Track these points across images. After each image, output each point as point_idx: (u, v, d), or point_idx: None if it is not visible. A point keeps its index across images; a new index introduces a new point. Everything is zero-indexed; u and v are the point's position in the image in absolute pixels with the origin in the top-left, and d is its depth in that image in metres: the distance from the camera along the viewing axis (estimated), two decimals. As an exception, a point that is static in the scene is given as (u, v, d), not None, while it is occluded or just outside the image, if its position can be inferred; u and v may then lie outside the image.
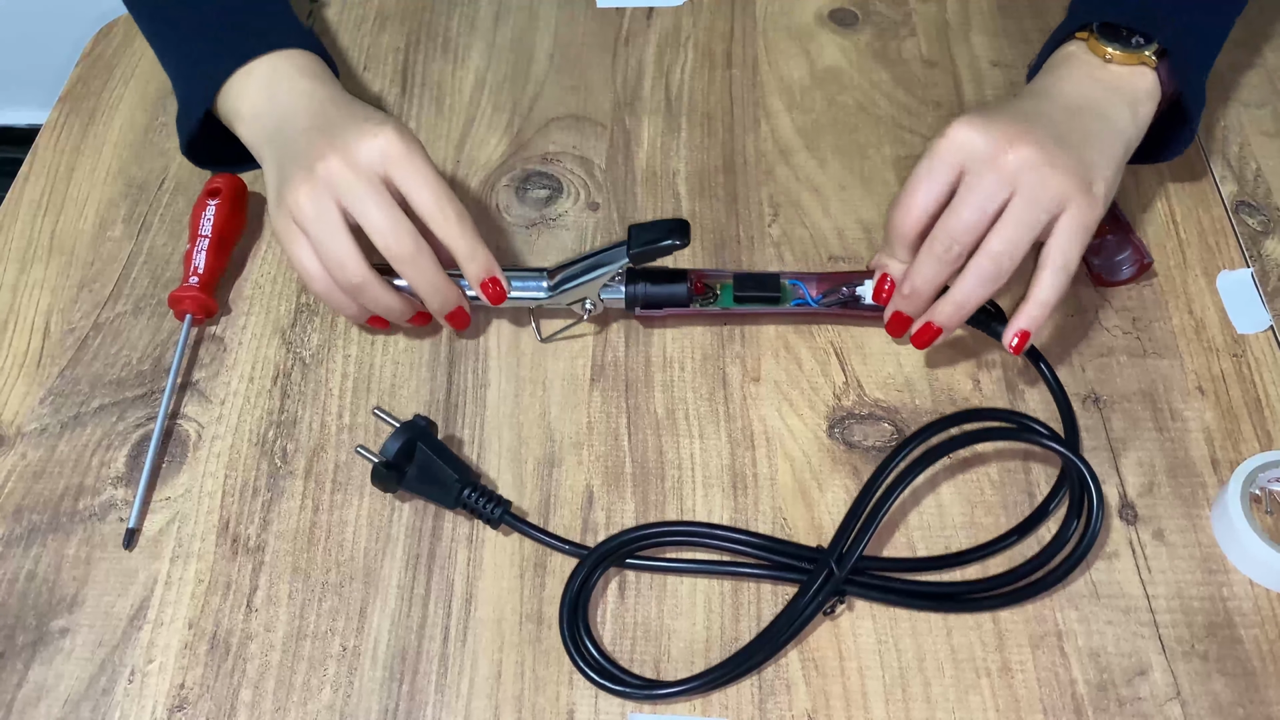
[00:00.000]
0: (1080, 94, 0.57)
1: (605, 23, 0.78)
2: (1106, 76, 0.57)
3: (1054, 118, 0.55)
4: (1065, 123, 0.55)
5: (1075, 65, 0.58)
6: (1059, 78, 0.58)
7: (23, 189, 0.70)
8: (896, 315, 0.57)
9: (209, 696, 0.50)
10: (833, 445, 0.57)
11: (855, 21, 0.78)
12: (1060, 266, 0.53)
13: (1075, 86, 0.57)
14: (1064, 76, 0.58)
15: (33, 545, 0.55)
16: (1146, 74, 0.57)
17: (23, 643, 0.52)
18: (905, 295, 0.55)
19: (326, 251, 0.54)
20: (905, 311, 0.56)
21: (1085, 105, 0.56)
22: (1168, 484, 0.55)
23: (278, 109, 0.58)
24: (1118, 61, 0.57)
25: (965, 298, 0.53)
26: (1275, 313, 0.61)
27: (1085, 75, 0.57)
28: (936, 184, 0.54)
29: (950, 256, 0.53)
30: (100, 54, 0.78)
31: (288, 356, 0.61)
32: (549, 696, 0.50)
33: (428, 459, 0.54)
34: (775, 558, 0.53)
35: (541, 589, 0.53)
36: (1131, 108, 0.57)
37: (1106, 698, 0.49)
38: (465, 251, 0.56)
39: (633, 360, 0.61)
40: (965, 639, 0.51)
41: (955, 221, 0.53)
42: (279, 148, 0.57)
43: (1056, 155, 0.52)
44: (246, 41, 0.60)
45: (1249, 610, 0.51)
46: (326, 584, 0.53)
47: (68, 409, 0.60)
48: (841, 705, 0.49)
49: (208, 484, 0.57)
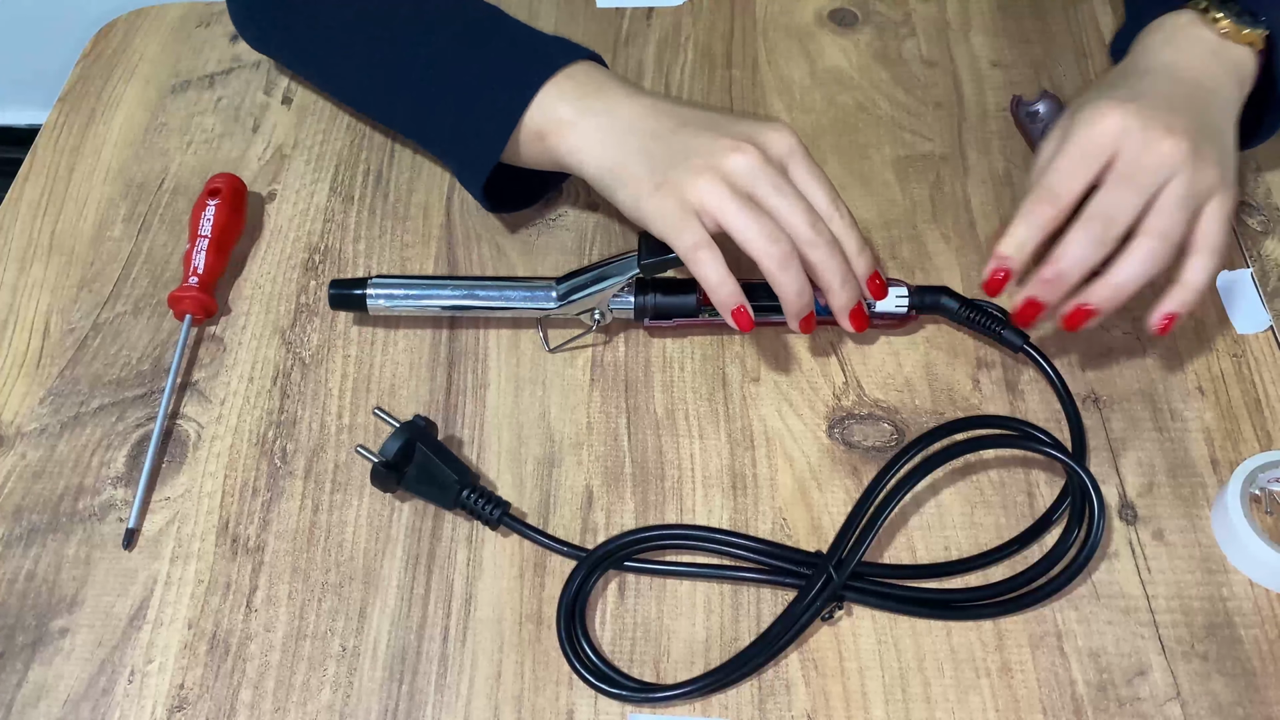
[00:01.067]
0: (1204, 73, 0.56)
1: (605, 23, 0.78)
2: (1224, 54, 0.57)
3: (1191, 103, 0.55)
4: (1201, 109, 0.55)
5: (1193, 39, 0.57)
6: (1181, 51, 0.57)
7: (22, 189, 0.70)
8: (1030, 303, 0.55)
9: (209, 697, 0.50)
10: (832, 445, 0.57)
11: (855, 22, 0.78)
12: (1214, 249, 0.53)
13: (1198, 64, 0.57)
14: (1184, 50, 0.57)
15: (32, 545, 0.55)
16: (1252, 57, 0.57)
17: (22, 643, 0.52)
18: (1049, 280, 0.53)
19: (753, 229, 0.53)
20: (1044, 298, 0.54)
21: (1211, 87, 0.56)
22: (1168, 484, 0.55)
23: (611, 107, 0.57)
24: (1231, 37, 0.57)
25: (1128, 278, 0.52)
26: (1275, 313, 0.61)
27: (1205, 51, 0.57)
28: (1088, 170, 0.53)
29: (1109, 236, 0.52)
30: (100, 54, 0.78)
31: (287, 356, 0.61)
32: (548, 697, 0.50)
33: (427, 459, 0.54)
34: (774, 562, 0.53)
35: (541, 589, 0.53)
36: (1240, 90, 0.57)
37: (1106, 698, 0.49)
38: (855, 247, 0.56)
39: (632, 360, 0.61)
40: (965, 639, 0.51)
41: (1116, 201, 0.52)
42: (640, 143, 0.56)
43: (1204, 147, 0.53)
44: (550, 56, 0.59)
45: (1249, 610, 0.51)
46: (326, 584, 0.53)
47: (67, 409, 0.60)
48: (841, 705, 0.49)
49: (207, 484, 0.57)
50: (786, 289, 0.54)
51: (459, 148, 0.61)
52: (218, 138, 0.72)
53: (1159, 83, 0.56)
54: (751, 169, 0.53)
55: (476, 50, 0.60)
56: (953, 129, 0.71)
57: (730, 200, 0.53)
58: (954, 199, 0.67)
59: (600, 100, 0.57)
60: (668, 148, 0.55)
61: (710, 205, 0.53)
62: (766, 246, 0.53)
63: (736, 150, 0.54)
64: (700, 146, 0.54)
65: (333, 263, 0.65)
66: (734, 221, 0.53)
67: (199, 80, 0.76)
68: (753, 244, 0.53)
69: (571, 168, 0.58)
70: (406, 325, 0.62)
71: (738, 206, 0.53)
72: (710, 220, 0.53)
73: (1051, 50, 0.75)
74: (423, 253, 0.66)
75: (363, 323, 0.63)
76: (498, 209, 0.65)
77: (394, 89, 0.63)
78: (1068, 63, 0.74)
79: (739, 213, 0.53)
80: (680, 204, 0.53)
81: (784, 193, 0.54)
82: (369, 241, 0.66)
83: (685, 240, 0.53)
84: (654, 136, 0.56)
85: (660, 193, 0.54)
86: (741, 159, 0.53)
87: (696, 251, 0.53)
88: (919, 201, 0.67)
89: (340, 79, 0.68)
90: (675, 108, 0.57)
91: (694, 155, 0.54)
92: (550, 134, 0.57)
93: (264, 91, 0.75)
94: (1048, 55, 0.75)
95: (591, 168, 0.57)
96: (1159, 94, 0.55)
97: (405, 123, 0.66)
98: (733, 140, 0.54)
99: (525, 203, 0.67)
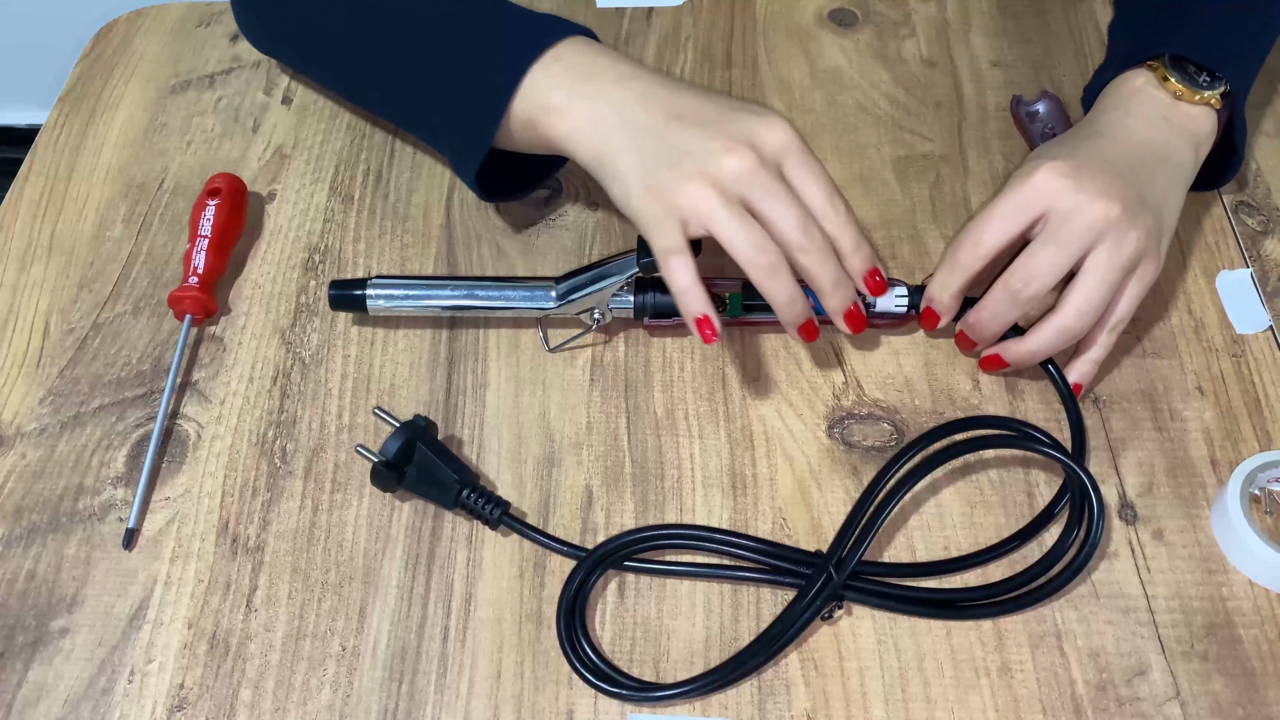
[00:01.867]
0: (1153, 138, 0.57)
1: (605, 23, 0.78)
2: (1175, 117, 0.58)
3: (1133, 167, 0.55)
4: (1143, 174, 0.56)
5: (1145, 102, 0.58)
6: (1130, 115, 0.58)
7: (22, 189, 0.70)
8: (961, 335, 0.58)
9: (209, 696, 0.50)
10: (832, 445, 0.57)
11: (855, 21, 0.78)
12: (1117, 325, 0.55)
13: (1148, 128, 0.58)
14: (1135, 114, 0.58)
15: (32, 545, 0.55)
16: (1210, 115, 0.58)
17: (22, 643, 0.52)
18: (970, 325, 0.57)
19: (742, 239, 0.52)
20: (971, 337, 0.58)
21: (1159, 152, 0.57)
22: (1167, 484, 0.55)
23: (601, 92, 0.55)
24: (1185, 100, 0.58)
25: (1040, 348, 0.55)
26: (1275, 313, 0.61)
27: (1156, 115, 0.58)
28: (1015, 224, 0.54)
29: (1025, 295, 0.54)
30: (100, 54, 0.78)
31: (287, 356, 0.61)
32: (548, 696, 0.50)
33: (427, 459, 0.54)
34: (774, 562, 0.53)
35: (541, 589, 0.53)
36: (1195, 151, 0.58)
37: (1106, 698, 0.49)
38: (851, 244, 0.55)
39: (632, 360, 0.61)
40: (965, 639, 0.51)
41: (1038, 263, 0.53)
42: (630, 135, 0.54)
43: (1138, 215, 0.53)
44: (537, 36, 0.57)
45: (1248, 610, 0.51)
46: (326, 584, 0.53)
47: (67, 409, 0.60)
48: (841, 705, 0.49)
49: (207, 484, 0.57)
50: (776, 297, 0.54)
51: (450, 137, 0.61)
52: (218, 138, 0.72)
53: (1105, 146, 0.57)
54: (744, 173, 0.52)
55: (462, 35, 0.59)
56: (952, 129, 0.71)
57: (720, 208, 0.52)
58: (954, 199, 0.67)
59: (590, 85, 0.56)
60: (659, 145, 0.54)
61: (700, 212, 0.52)
62: (754, 257, 0.52)
63: (730, 153, 0.52)
64: (693, 147, 0.53)
65: (332, 263, 0.65)
66: (722, 231, 0.52)
67: (199, 80, 0.76)
68: (740, 254, 0.52)
69: (565, 154, 0.57)
70: (406, 325, 0.62)
71: (727, 215, 0.52)
72: (698, 226, 0.53)
73: (1051, 50, 0.75)
74: (423, 253, 0.66)
75: (362, 323, 0.63)
76: (494, 197, 0.64)
77: (386, 79, 0.63)
78: (1068, 62, 0.74)
79: (728, 222, 0.52)
80: (668, 208, 0.53)
81: (777, 197, 0.53)
82: (369, 241, 0.66)
83: (661, 243, 0.53)
84: (645, 132, 0.54)
85: (649, 195, 0.53)
86: (734, 162, 0.52)
87: (669, 257, 0.53)
88: (919, 201, 0.67)
89: (338, 73, 0.67)
90: (669, 94, 0.55)
91: (686, 157, 0.53)
92: (540, 121, 0.56)
93: (264, 91, 0.75)
94: (1048, 55, 0.75)
95: (583, 157, 0.56)
96: (1103, 158, 0.55)
97: (399, 113, 0.65)
98: (726, 141, 0.53)
99: (523, 190, 0.66)
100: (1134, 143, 0.57)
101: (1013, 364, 0.57)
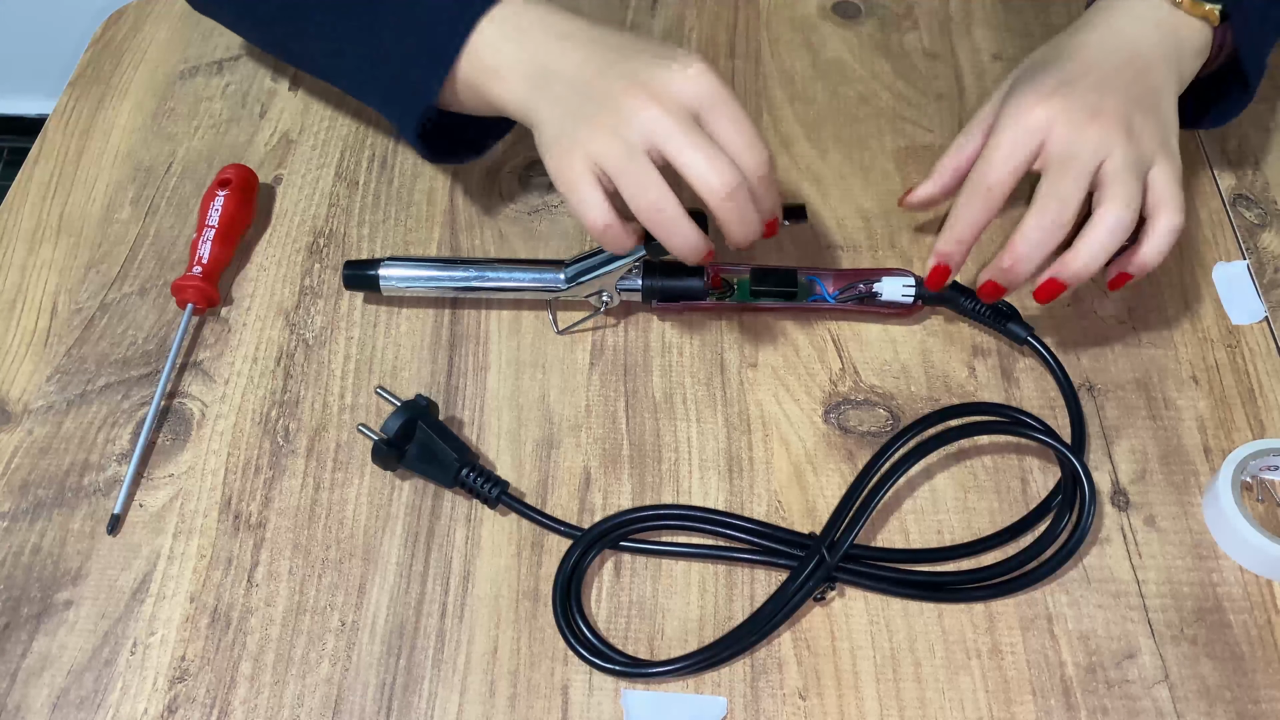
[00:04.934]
0: (1143, 43, 0.57)
1: (609, 12, 0.79)
2: (1171, 22, 0.58)
3: (1122, 76, 0.56)
4: (1132, 80, 0.56)
5: (1145, 5, 0.58)
6: (1123, 15, 0.58)
7: (32, 171, 0.71)
8: (991, 285, 0.56)
9: (209, 669, 0.51)
10: (828, 430, 0.58)
11: (858, 14, 0.78)
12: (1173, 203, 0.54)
13: (1139, 33, 0.58)
14: (1128, 14, 0.58)
15: (38, 520, 0.56)
16: (1205, 31, 0.58)
17: (27, 614, 0.53)
18: (1007, 268, 0.55)
19: (641, 195, 0.52)
20: (1003, 282, 0.56)
21: (1148, 57, 0.57)
22: (1160, 471, 0.56)
23: (539, 53, 0.55)
24: (1184, 9, 0.58)
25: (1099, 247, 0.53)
26: (1271, 304, 0.62)
27: (1150, 17, 0.58)
28: (1019, 164, 0.55)
29: (1062, 220, 0.53)
30: (110, 39, 0.79)
31: (291, 338, 0.62)
32: (544, 672, 0.51)
33: (428, 438, 0.55)
34: (768, 543, 0.53)
35: (538, 567, 0.54)
36: (1180, 60, 0.58)
37: (1095, 680, 0.50)
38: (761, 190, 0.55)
39: (632, 344, 0.61)
40: (956, 621, 0.51)
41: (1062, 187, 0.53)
42: (557, 92, 0.55)
43: (1135, 120, 0.54)
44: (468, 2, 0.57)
45: (1238, 596, 0.52)
46: (326, 560, 0.54)
47: (74, 387, 0.60)
48: (833, 684, 0.50)
49: (210, 462, 0.58)
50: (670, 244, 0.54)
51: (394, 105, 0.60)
52: (225, 123, 0.73)
53: (1089, 58, 0.57)
54: (651, 122, 0.52)
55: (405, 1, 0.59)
56: (954, 121, 0.71)
57: (621, 157, 0.52)
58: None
59: (523, 46, 0.56)
60: (578, 99, 0.54)
61: (603, 163, 0.52)
62: (650, 214, 0.53)
63: (632, 98, 0.52)
64: (605, 98, 0.53)
65: (337, 246, 0.66)
66: (621, 181, 0.52)
67: (207, 66, 0.77)
68: (637, 206, 0.53)
69: (504, 114, 0.58)
70: (409, 308, 0.63)
71: (625, 164, 0.52)
72: (605, 179, 0.53)
73: (1053, 44, 0.75)
74: (426, 237, 0.66)
75: (371, 302, 0.63)
76: (440, 159, 0.63)
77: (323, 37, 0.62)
78: (1069, 56, 0.75)
79: (624, 171, 0.52)
80: (577, 162, 0.53)
81: (685, 146, 0.52)
82: (373, 226, 0.67)
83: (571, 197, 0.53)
84: (569, 87, 0.54)
85: (558, 150, 0.53)
86: (638, 109, 0.52)
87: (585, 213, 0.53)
88: (918, 191, 0.68)
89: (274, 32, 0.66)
90: (597, 51, 0.55)
91: (597, 109, 0.53)
92: (480, 85, 0.56)
93: (271, 78, 0.76)
94: (1049, 48, 0.75)
95: (519, 118, 0.56)
96: (1087, 73, 0.56)
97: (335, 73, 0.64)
98: (629, 86, 0.52)
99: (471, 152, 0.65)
100: (1120, 50, 0.57)
101: (1072, 280, 0.55)
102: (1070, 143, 0.53)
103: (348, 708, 0.50)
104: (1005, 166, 0.55)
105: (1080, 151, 0.53)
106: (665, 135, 0.52)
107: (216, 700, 0.50)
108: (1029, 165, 0.55)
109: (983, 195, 0.55)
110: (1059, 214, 0.53)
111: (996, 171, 0.55)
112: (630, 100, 0.52)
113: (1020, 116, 0.55)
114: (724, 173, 0.52)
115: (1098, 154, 0.53)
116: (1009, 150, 0.55)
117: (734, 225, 0.54)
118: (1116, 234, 0.53)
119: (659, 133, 0.52)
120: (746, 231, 0.54)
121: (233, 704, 0.50)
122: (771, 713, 0.49)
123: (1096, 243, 0.53)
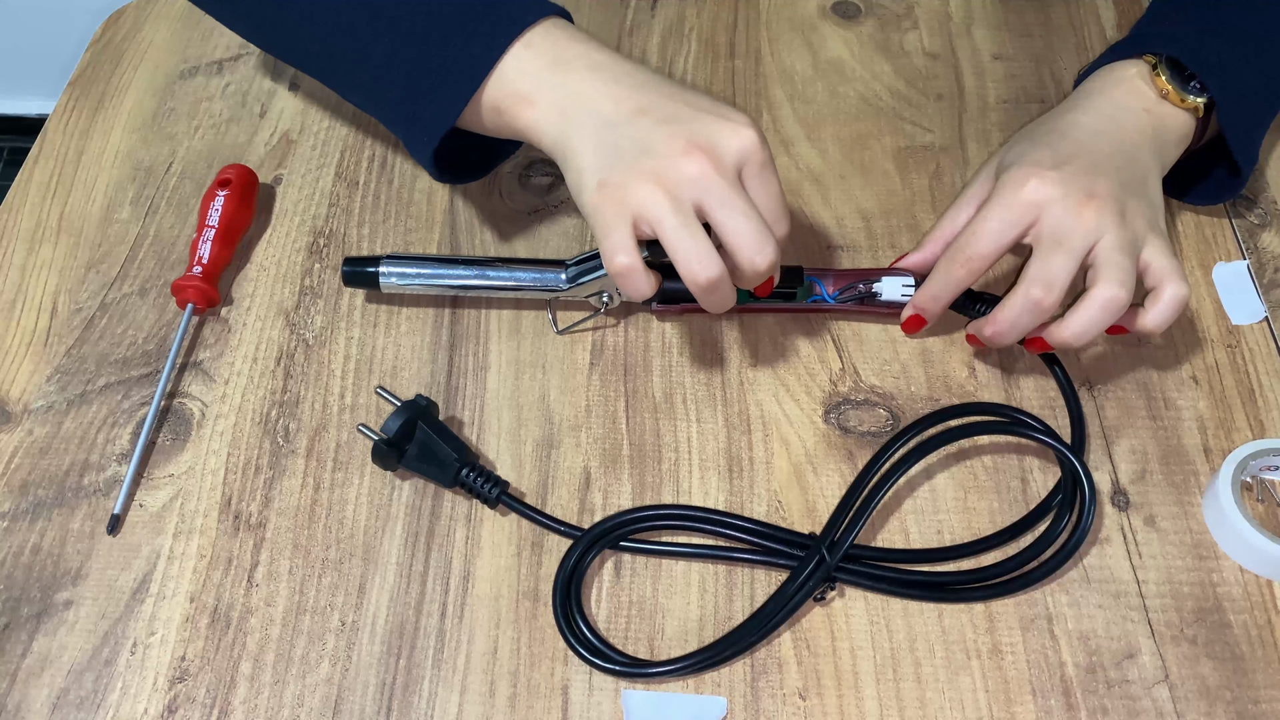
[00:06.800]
0: (1134, 128, 0.59)
1: (609, 13, 0.79)
2: (1158, 111, 0.59)
3: (1114, 159, 0.57)
4: (1123, 164, 0.57)
5: (1131, 91, 0.60)
6: (1112, 100, 0.60)
7: (32, 171, 0.71)
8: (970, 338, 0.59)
9: (209, 668, 0.51)
10: (828, 430, 0.58)
11: (858, 14, 0.78)
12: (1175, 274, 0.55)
13: (1130, 119, 0.59)
14: (1117, 100, 0.60)
15: (38, 519, 0.56)
16: (1189, 121, 0.59)
17: (27, 614, 0.53)
18: (989, 336, 0.56)
19: (695, 259, 0.51)
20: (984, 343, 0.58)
21: (1136, 141, 0.58)
22: (1160, 471, 0.56)
23: (573, 84, 0.54)
24: (1170, 100, 0.59)
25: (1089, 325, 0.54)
26: (1271, 304, 0.62)
27: (1137, 105, 0.59)
28: (1008, 236, 0.55)
29: (1049, 301, 0.54)
30: (110, 40, 0.79)
31: (291, 338, 0.62)
32: (544, 672, 0.51)
33: (428, 438, 0.55)
34: (768, 543, 0.53)
35: (538, 567, 0.54)
36: (1173, 147, 0.60)
37: (1095, 680, 0.50)
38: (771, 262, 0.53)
39: (632, 344, 0.61)
40: (956, 621, 0.51)
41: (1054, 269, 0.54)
42: (594, 128, 0.53)
43: (1128, 204, 0.55)
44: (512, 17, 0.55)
45: (1238, 596, 0.52)
46: (326, 560, 0.54)
47: (74, 387, 0.60)
48: (833, 684, 0.50)
49: (211, 462, 0.58)
50: (706, 303, 0.54)
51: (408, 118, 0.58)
52: (225, 123, 0.73)
53: (1082, 140, 0.58)
54: (700, 178, 0.51)
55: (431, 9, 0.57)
56: (953, 121, 0.71)
57: (670, 214, 0.51)
58: (953, 190, 0.68)
59: (559, 74, 0.54)
60: (620, 139, 0.52)
61: (649, 214, 0.51)
62: (695, 270, 0.51)
63: (688, 156, 0.51)
64: (653, 146, 0.51)
65: (337, 246, 0.66)
66: (669, 238, 0.51)
67: (207, 66, 0.77)
68: (681, 264, 0.51)
69: (529, 141, 0.56)
70: (409, 308, 0.63)
71: (675, 221, 0.51)
72: (647, 227, 0.52)
73: (1053, 44, 0.76)
74: (426, 237, 0.66)
75: (371, 301, 0.63)
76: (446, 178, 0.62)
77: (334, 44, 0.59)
78: (1069, 56, 0.75)
79: (675, 229, 0.51)
80: (619, 206, 0.51)
81: (732, 208, 0.51)
82: (373, 226, 0.67)
83: (608, 242, 0.52)
84: (608, 124, 0.53)
85: (601, 191, 0.52)
86: (692, 167, 0.51)
87: (615, 256, 0.52)
88: (919, 192, 0.68)
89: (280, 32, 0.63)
90: (638, 88, 0.54)
91: (644, 156, 0.51)
92: (507, 109, 0.55)
93: (271, 78, 0.76)
94: (1049, 49, 0.75)
95: (546, 146, 0.55)
96: (1080, 154, 0.56)
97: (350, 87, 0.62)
98: (687, 143, 0.51)
99: (479, 172, 0.65)
100: (1111, 134, 0.58)
101: (1059, 348, 0.56)
102: (1064, 223, 0.54)
103: (348, 708, 0.50)
104: (993, 240, 0.55)
105: (1074, 233, 0.54)
106: (717, 202, 0.51)
107: (216, 700, 0.50)
108: (1018, 240, 0.55)
109: (963, 263, 0.56)
110: (1045, 295, 0.54)
111: (983, 244, 0.55)
112: (687, 160, 0.51)
113: (1017, 191, 0.55)
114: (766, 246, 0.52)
115: (1091, 236, 0.54)
116: (999, 225, 0.55)
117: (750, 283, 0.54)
118: (1109, 312, 0.53)
119: (711, 195, 0.51)
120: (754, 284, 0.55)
121: (233, 704, 0.50)
122: (771, 713, 0.49)
123: (1089, 318, 0.54)
